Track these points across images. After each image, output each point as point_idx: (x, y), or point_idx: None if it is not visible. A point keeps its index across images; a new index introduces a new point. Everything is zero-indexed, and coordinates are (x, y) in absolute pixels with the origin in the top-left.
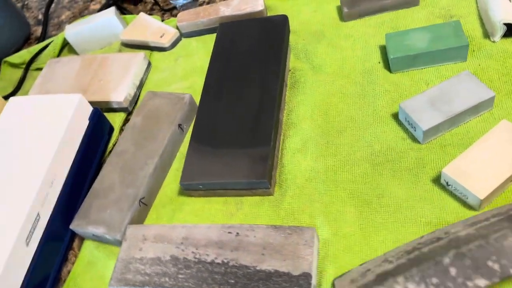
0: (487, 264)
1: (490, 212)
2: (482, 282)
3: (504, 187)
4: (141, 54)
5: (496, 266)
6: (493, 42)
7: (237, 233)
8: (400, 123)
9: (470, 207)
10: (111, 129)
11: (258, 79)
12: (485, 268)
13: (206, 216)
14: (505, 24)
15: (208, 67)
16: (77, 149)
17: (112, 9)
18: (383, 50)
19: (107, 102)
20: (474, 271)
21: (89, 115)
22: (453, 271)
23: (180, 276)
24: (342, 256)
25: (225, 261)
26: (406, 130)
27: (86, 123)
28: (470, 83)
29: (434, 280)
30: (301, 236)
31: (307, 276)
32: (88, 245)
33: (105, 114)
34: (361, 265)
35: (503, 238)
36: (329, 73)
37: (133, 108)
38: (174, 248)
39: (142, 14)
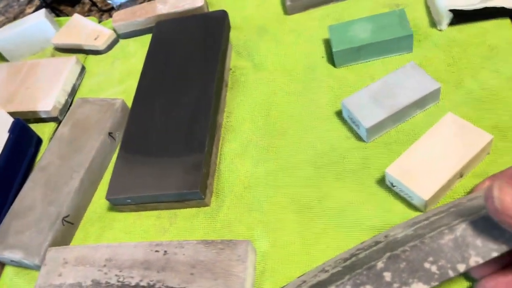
0: (424, 266)
1: (432, 211)
2: (419, 286)
3: (451, 185)
4: (72, 58)
5: (434, 268)
6: (440, 30)
7: (165, 251)
8: (344, 121)
9: (416, 208)
10: (39, 141)
11: (195, 81)
12: (422, 270)
13: (137, 233)
14: (451, 10)
15: (142, 69)
16: None
17: (42, 11)
18: (328, 43)
19: (35, 112)
20: (410, 274)
21: (8, 127)
22: (387, 276)
23: None
24: (280, 269)
25: (151, 283)
26: (350, 129)
27: (5, 136)
28: (415, 75)
29: (368, 287)
30: (234, 251)
31: None
32: (8, 272)
33: (34, 125)
34: (298, 277)
35: (439, 237)
36: (271, 71)
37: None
38: (96, 272)
39: (76, 15)
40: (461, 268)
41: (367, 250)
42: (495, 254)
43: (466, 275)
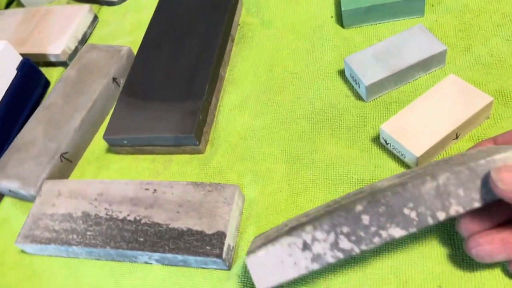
0: (403, 211)
1: (420, 167)
2: (397, 231)
3: (445, 146)
4: (85, 7)
5: (413, 214)
6: None
7: (155, 189)
8: (346, 80)
9: (407, 166)
10: (47, 83)
11: (201, 33)
12: (401, 216)
13: (132, 175)
14: None
15: (151, 19)
16: (0, 99)
17: None
18: (338, 3)
19: (45, 55)
20: (388, 219)
21: (17, 65)
22: (365, 219)
23: (88, 233)
24: (266, 215)
25: (138, 218)
26: (351, 88)
27: (13, 73)
28: (422, 37)
29: (345, 229)
30: (221, 193)
31: (220, 235)
32: (6, 202)
33: (44, 68)
34: (282, 222)
35: (421, 184)
36: (279, 28)
37: None
38: (87, 204)
39: None
40: (441, 216)
41: (351, 198)
42: (477, 205)
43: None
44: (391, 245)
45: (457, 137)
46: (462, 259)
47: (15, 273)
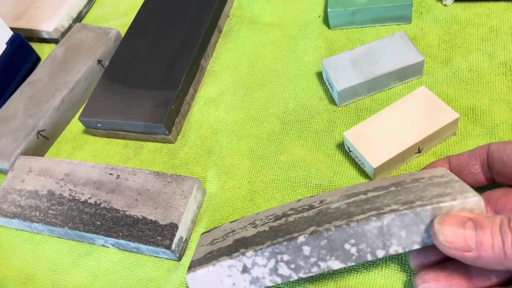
0: (343, 246)
1: (373, 183)
2: (336, 264)
3: (406, 159)
4: None
5: (353, 250)
6: (445, 5)
7: (118, 175)
8: (322, 82)
9: (367, 175)
10: (38, 59)
11: (188, 22)
12: (341, 250)
13: (103, 158)
14: None
15: (142, 4)
16: None
17: None
18: (327, 3)
19: (38, 31)
20: (329, 252)
21: (7, 39)
22: (306, 250)
23: (50, 212)
24: (222, 209)
25: (98, 202)
26: (326, 90)
27: (2, 47)
28: (402, 45)
29: (285, 257)
30: (180, 185)
31: (173, 227)
32: None
33: (37, 44)
34: (230, 222)
35: (365, 222)
36: (267, 23)
37: None
38: (54, 183)
39: None
40: (380, 254)
41: (299, 213)
42: (416, 247)
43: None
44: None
45: (419, 151)
46: None
47: None
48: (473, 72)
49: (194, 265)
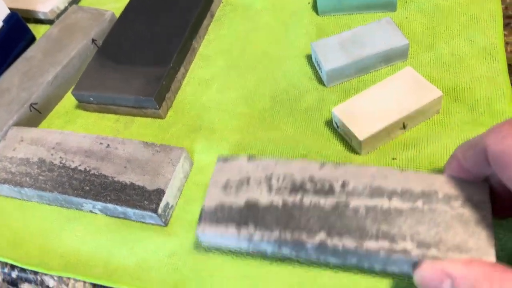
0: (346, 258)
1: (404, 180)
2: (334, 261)
3: (392, 135)
4: None
5: (353, 261)
6: None
7: (108, 144)
8: (312, 65)
9: (354, 150)
10: (33, 39)
11: (180, 8)
12: (343, 259)
13: (94, 131)
14: None
15: None
16: None
17: None
18: None
19: (34, 12)
20: (330, 256)
21: (4, 17)
22: (311, 251)
23: (40, 177)
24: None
25: (88, 169)
26: (315, 72)
27: None
28: (388, 30)
29: (290, 246)
30: (168, 154)
31: (160, 192)
32: None
33: (33, 25)
34: (248, 158)
35: (374, 253)
36: (259, 10)
37: None
38: (45, 152)
39: None
40: (377, 269)
41: (316, 195)
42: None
43: None
44: None
45: (404, 127)
46: None
47: None
48: (455, 56)
49: (205, 217)
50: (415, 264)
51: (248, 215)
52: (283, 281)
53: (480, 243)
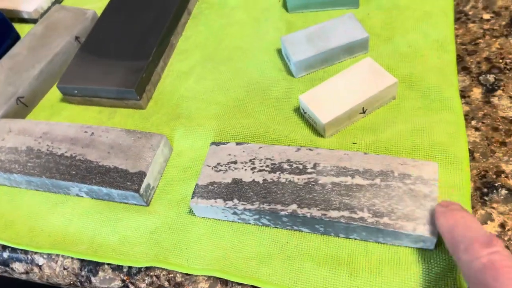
0: (314, 226)
1: (366, 162)
2: (305, 230)
3: (353, 119)
4: None
5: (321, 229)
6: None
7: (92, 132)
8: (282, 57)
9: (318, 133)
10: (17, 37)
11: (159, 5)
12: (312, 227)
13: (79, 122)
14: None
15: None
16: None
17: None
18: None
19: (18, 12)
20: (301, 224)
21: None
22: (285, 219)
23: (29, 164)
24: (191, 166)
25: (74, 155)
26: (285, 64)
27: None
28: (350, 25)
29: (268, 217)
30: (149, 140)
31: (141, 175)
32: None
33: (17, 24)
34: (237, 144)
35: (336, 220)
36: (233, 7)
37: None
38: (32, 141)
39: None
40: (342, 236)
41: (291, 174)
42: (372, 240)
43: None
44: None
45: (364, 112)
46: None
47: None
48: (411, 48)
49: (197, 192)
50: (385, 236)
51: (234, 191)
52: (251, 250)
53: (425, 213)
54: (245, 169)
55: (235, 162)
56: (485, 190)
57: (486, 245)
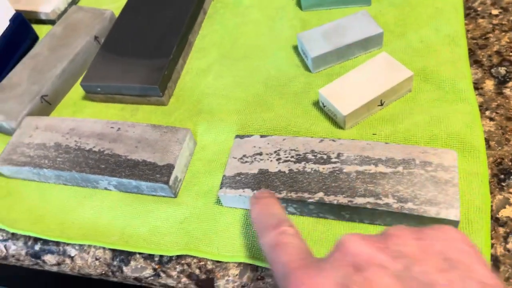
0: (340, 213)
1: (388, 151)
2: (331, 217)
3: (371, 111)
4: None
5: (347, 216)
6: None
7: (119, 128)
8: (298, 54)
9: (338, 125)
10: (36, 38)
11: (176, 4)
12: (338, 214)
13: (102, 119)
14: None
15: None
16: None
17: None
18: None
19: (36, 13)
20: (328, 212)
21: (10, 16)
22: (312, 207)
23: (58, 159)
24: (215, 159)
25: (102, 150)
26: (301, 60)
27: (6, 23)
28: (364, 21)
29: (295, 205)
30: (175, 134)
31: (170, 167)
32: None
33: (35, 25)
34: (261, 136)
35: (362, 206)
36: (247, 6)
37: None
38: (60, 137)
39: None
40: (366, 222)
41: (316, 163)
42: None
43: None
44: None
45: (382, 104)
46: None
47: None
48: (423, 43)
49: (225, 183)
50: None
51: (260, 181)
52: None
53: (447, 198)
54: (271, 160)
55: (260, 154)
56: (502, 176)
57: (274, 227)
